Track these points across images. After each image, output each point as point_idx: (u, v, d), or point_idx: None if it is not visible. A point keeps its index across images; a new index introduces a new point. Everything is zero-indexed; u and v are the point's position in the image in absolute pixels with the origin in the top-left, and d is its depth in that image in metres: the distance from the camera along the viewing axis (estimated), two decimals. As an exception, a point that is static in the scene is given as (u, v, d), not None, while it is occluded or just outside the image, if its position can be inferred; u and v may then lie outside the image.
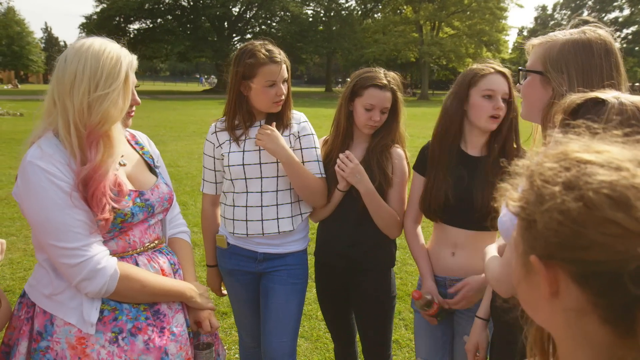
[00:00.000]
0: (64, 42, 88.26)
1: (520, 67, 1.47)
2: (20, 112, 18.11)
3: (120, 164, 1.57)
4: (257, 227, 2.12)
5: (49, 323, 1.45)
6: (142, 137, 1.81)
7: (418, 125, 16.49)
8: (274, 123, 2.11)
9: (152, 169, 1.72)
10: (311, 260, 2.36)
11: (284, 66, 2.06)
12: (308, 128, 2.21)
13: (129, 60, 1.49)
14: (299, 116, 2.22)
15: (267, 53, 2.02)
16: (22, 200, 1.42)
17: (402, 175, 2.19)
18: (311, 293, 3.70)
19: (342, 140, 2.21)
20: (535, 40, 1.45)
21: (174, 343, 1.56)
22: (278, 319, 2.16)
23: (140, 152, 1.73)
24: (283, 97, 2.08)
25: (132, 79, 1.51)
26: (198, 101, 28.54)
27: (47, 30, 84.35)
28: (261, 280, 2.24)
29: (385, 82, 2.11)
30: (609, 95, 1.04)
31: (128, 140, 1.73)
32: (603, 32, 1.35)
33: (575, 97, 1.06)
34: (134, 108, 1.60)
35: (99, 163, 1.40)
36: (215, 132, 2.19)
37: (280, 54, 2.06)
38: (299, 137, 2.17)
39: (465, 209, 1.96)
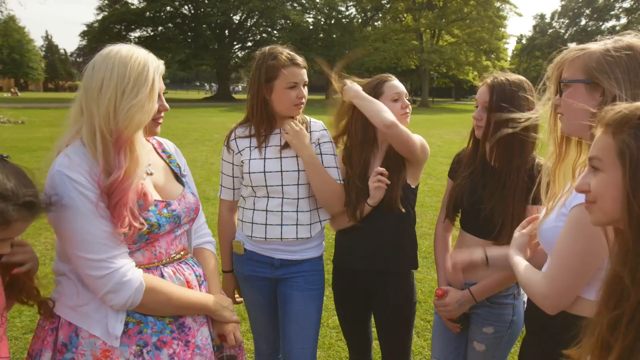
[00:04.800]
0: (64, 50, 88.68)
1: (560, 80, 1.44)
2: (21, 119, 18.16)
3: (147, 172, 1.55)
4: (276, 231, 2.12)
5: (74, 335, 1.42)
6: (170, 145, 1.78)
7: (419, 132, 16.48)
8: (305, 124, 2.17)
9: (178, 178, 1.70)
10: (329, 266, 2.36)
11: (304, 70, 2.10)
12: (327, 135, 2.24)
13: (155, 65, 1.47)
14: (318, 124, 2.24)
15: (289, 55, 2.07)
16: None
17: None
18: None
19: (362, 148, 2.23)
20: (567, 55, 1.42)
21: (199, 357, 1.54)
22: (298, 325, 2.15)
23: (167, 161, 1.71)
24: (304, 100, 2.10)
25: (160, 84, 1.50)
26: (199, 109, 28.63)
27: (47, 38, 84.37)
28: (278, 286, 2.24)
29: (392, 76, 2.25)
30: None
31: (155, 148, 1.71)
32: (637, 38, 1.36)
33: (637, 104, 1.03)
34: (162, 114, 1.58)
35: (127, 172, 1.38)
36: (235, 138, 2.19)
37: (300, 58, 2.10)
38: (319, 144, 2.19)
39: (476, 216, 1.98)
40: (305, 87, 2.12)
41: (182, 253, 1.62)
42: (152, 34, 43.58)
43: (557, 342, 1.40)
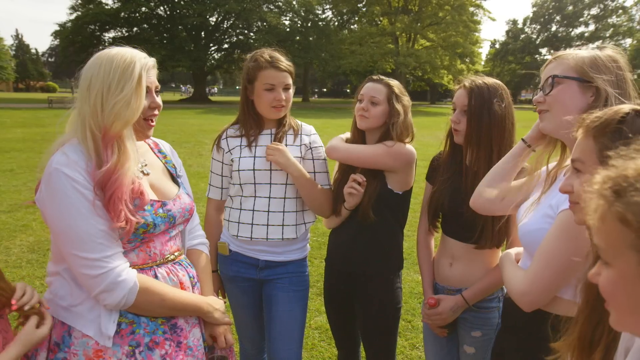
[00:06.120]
0: (36, 49, 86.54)
1: (554, 75, 1.43)
2: (-9, 120, 17.67)
3: (143, 172, 1.57)
4: (261, 231, 2.15)
5: (67, 334, 1.43)
6: (165, 146, 1.80)
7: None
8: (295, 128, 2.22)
9: (174, 178, 1.71)
10: (322, 266, 2.40)
11: (285, 73, 2.11)
12: (318, 140, 2.28)
13: (144, 61, 1.48)
14: (309, 129, 2.28)
15: (269, 58, 2.09)
16: (45, 207, 1.39)
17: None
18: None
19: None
20: (560, 53, 1.46)
21: (190, 358, 1.55)
22: (283, 326, 2.18)
23: (163, 161, 1.72)
24: (284, 103, 2.13)
25: (151, 79, 1.51)
26: (175, 111, 28.28)
27: (17, 37, 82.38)
28: (263, 288, 2.26)
29: (376, 77, 2.24)
30: None
31: (151, 149, 1.72)
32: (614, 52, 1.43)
33: (616, 109, 1.08)
34: (156, 112, 1.58)
35: (114, 165, 1.39)
36: (226, 137, 2.23)
37: (283, 62, 2.12)
38: (310, 148, 2.23)
39: (458, 219, 2.00)
40: (289, 91, 2.14)
41: (176, 254, 1.63)
42: (127, 34, 42.78)
43: (533, 339, 1.45)
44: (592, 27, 60.15)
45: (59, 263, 1.47)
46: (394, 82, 2.22)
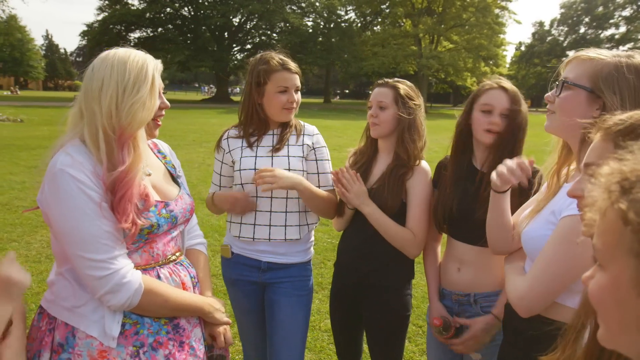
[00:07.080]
0: (65, 49, 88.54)
1: (564, 79, 1.40)
2: (20, 118, 18.16)
3: (146, 173, 1.58)
4: (264, 231, 2.15)
5: (71, 335, 1.44)
6: (164, 147, 1.82)
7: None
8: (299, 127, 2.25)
9: (174, 178, 1.74)
10: (325, 270, 2.38)
11: (295, 75, 2.15)
12: (321, 141, 2.29)
13: (154, 63, 1.52)
14: (311, 129, 2.28)
15: (280, 61, 2.12)
16: (49, 208, 1.40)
17: (420, 193, 2.11)
18: (314, 304, 3.71)
19: (368, 152, 2.25)
20: (581, 54, 1.39)
21: (192, 357, 1.57)
22: (285, 331, 2.17)
23: (163, 162, 1.75)
24: (295, 105, 2.15)
25: (159, 81, 1.54)
26: (197, 110, 28.61)
27: (47, 37, 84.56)
28: (265, 291, 2.25)
29: (381, 81, 2.23)
30: None
31: (151, 149, 1.74)
32: None
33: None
34: (163, 113, 1.61)
35: (129, 166, 1.41)
36: (227, 138, 2.25)
37: (293, 64, 2.15)
38: (313, 149, 2.23)
39: (468, 222, 1.97)
40: (298, 92, 2.17)
41: (177, 254, 1.65)
42: (151, 35, 43.56)
43: (537, 347, 1.43)
44: (623, 29, 58.75)
45: (62, 264, 1.49)
46: (402, 85, 2.18)
